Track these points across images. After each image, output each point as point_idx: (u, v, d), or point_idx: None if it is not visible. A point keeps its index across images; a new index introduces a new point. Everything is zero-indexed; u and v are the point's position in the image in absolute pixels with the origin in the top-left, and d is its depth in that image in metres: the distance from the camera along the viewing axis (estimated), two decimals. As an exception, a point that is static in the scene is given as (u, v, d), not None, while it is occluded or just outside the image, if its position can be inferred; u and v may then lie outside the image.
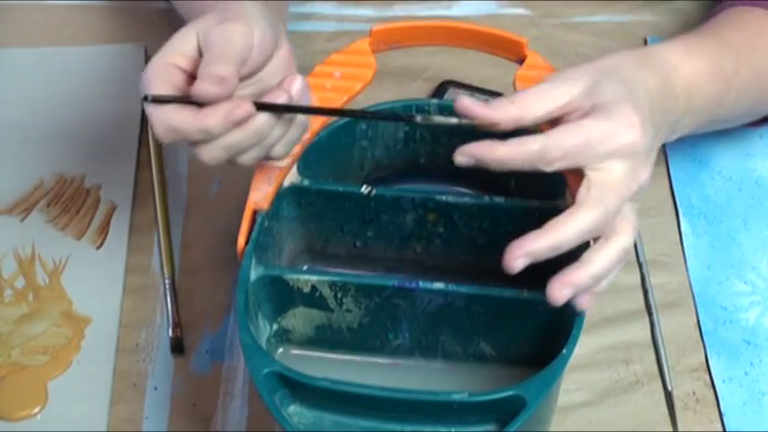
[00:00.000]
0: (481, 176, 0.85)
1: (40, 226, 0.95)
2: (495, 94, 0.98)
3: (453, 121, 0.72)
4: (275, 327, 0.79)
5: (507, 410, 0.69)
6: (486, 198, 0.80)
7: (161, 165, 0.97)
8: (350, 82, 0.80)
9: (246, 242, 0.75)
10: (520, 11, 1.08)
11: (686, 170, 0.97)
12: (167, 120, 0.69)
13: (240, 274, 0.74)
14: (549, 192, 0.79)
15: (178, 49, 0.71)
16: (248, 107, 0.69)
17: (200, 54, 0.70)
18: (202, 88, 0.68)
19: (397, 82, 1.01)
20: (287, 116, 0.72)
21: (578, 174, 0.70)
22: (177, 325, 0.89)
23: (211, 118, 0.68)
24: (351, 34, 1.04)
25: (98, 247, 0.94)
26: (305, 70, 0.83)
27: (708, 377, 0.86)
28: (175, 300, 0.90)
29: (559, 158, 0.69)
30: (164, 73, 0.70)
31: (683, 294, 0.91)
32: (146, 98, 0.69)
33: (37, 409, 0.85)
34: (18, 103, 1.03)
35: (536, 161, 0.69)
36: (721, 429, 0.84)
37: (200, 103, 0.68)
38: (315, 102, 0.79)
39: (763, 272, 0.92)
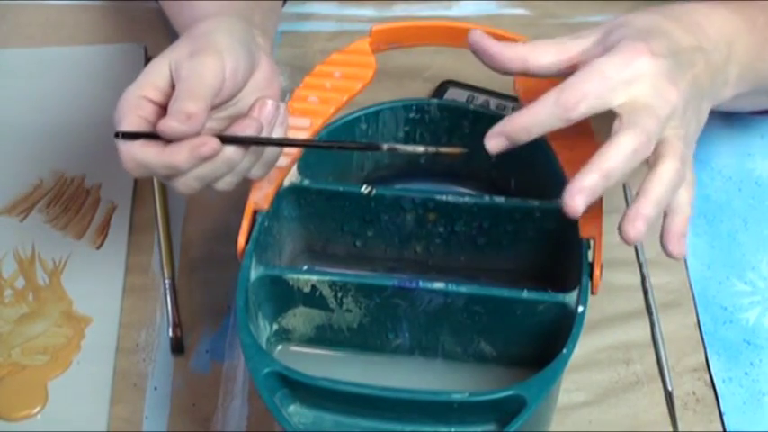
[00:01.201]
0: (481, 176, 0.85)
1: (39, 226, 0.95)
2: (495, 95, 0.98)
3: (420, 149, 0.73)
4: (275, 326, 0.79)
5: (507, 410, 0.69)
6: (487, 198, 0.80)
7: (161, 165, 0.97)
8: (350, 82, 0.81)
9: (246, 242, 0.75)
10: (520, 11, 1.08)
11: (686, 170, 0.97)
12: (135, 155, 0.69)
13: (240, 273, 0.74)
14: (549, 192, 0.79)
15: (150, 81, 0.71)
16: (214, 144, 0.69)
17: (173, 86, 0.70)
18: (168, 125, 0.68)
19: (397, 82, 1.01)
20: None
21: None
22: (177, 325, 0.89)
23: (178, 155, 0.68)
24: (351, 34, 1.04)
25: (98, 247, 0.94)
26: (305, 70, 0.83)
27: (708, 377, 0.86)
28: (175, 300, 0.90)
29: (580, 100, 0.68)
30: (135, 106, 0.70)
31: (683, 294, 0.90)
32: (116, 135, 0.69)
33: (37, 409, 0.85)
34: (18, 103, 1.03)
35: (560, 112, 0.68)
36: (721, 429, 0.84)
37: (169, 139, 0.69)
38: (315, 102, 0.79)
39: (763, 272, 0.92)
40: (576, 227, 0.75)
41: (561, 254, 0.79)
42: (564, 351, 0.70)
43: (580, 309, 0.72)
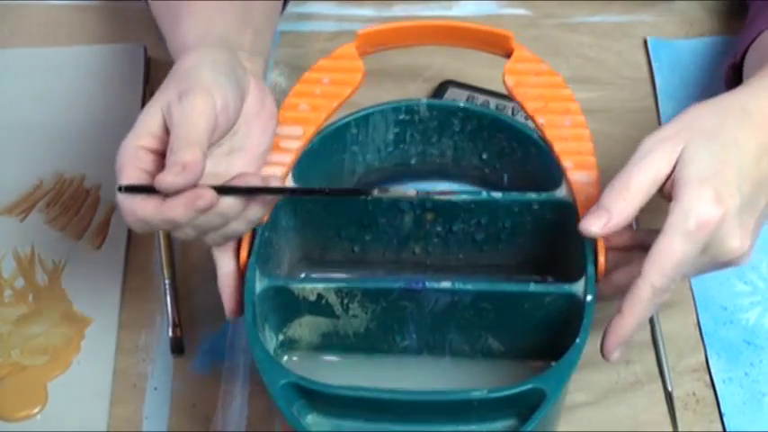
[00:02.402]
0: (472, 174, 0.85)
1: (39, 226, 0.95)
2: (495, 95, 0.98)
3: (411, 193, 0.74)
4: (281, 337, 0.78)
5: (527, 404, 0.69)
6: (484, 194, 0.80)
7: (161, 165, 0.97)
8: (339, 87, 0.80)
9: (248, 255, 0.75)
10: (520, 11, 1.08)
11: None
12: (135, 212, 0.69)
13: (245, 287, 0.74)
14: (543, 184, 0.78)
15: (145, 130, 0.71)
16: (209, 196, 0.69)
17: (167, 131, 0.71)
18: (165, 181, 0.68)
19: (397, 82, 1.01)
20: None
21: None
22: (177, 325, 0.89)
23: (174, 210, 0.69)
24: (351, 34, 1.03)
25: (98, 248, 0.94)
26: (305, 70, 0.83)
27: (708, 377, 0.86)
28: (175, 300, 0.90)
29: (672, 277, 0.71)
30: (134, 158, 0.70)
31: (683, 294, 0.90)
32: (119, 188, 0.70)
33: (37, 409, 0.85)
34: (18, 103, 1.02)
35: (658, 299, 0.72)
36: (721, 429, 0.84)
37: None
38: (306, 110, 0.79)
39: (763, 272, 0.92)
40: (575, 217, 0.75)
41: (560, 245, 0.79)
42: (578, 341, 0.71)
43: (589, 297, 0.73)
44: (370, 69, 0.99)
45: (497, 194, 0.79)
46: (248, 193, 0.72)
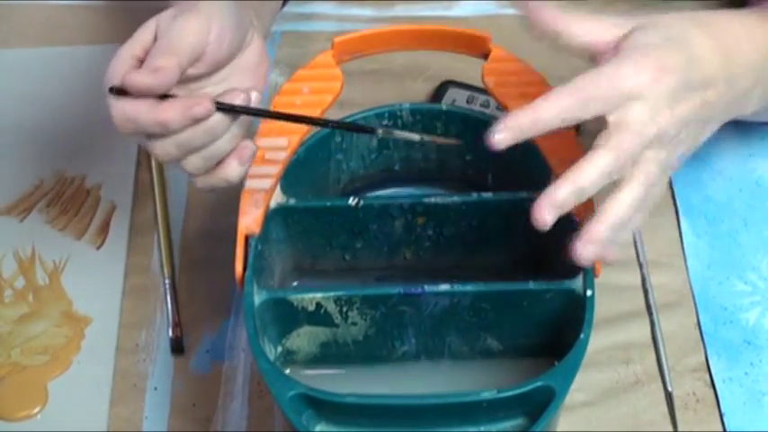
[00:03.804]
0: (456, 176, 0.85)
1: (39, 226, 0.95)
2: (494, 95, 0.98)
3: (415, 137, 0.73)
4: (280, 349, 0.78)
5: (535, 403, 0.69)
6: (474, 195, 0.80)
7: (161, 165, 0.97)
8: (320, 96, 0.80)
9: (244, 268, 0.75)
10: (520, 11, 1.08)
11: (687, 170, 0.97)
12: (126, 110, 0.68)
13: (245, 300, 0.73)
14: (529, 181, 0.78)
15: (138, 41, 0.71)
16: (207, 104, 0.68)
17: None
18: (134, 79, 0.67)
19: (397, 82, 1.01)
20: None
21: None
22: (177, 325, 0.89)
23: (169, 112, 0.68)
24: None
25: (98, 248, 0.94)
26: (305, 70, 0.83)
27: (708, 377, 0.86)
28: (175, 300, 0.90)
29: (588, 100, 0.67)
30: (126, 65, 0.70)
31: (683, 294, 0.90)
32: (111, 90, 0.69)
33: (37, 409, 0.85)
34: (18, 103, 1.03)
35: (575, 109, 0.67)
36: (721, 429, 0.84)
37: (162, 97, 0.68)
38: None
39: (763, 272, 0.92)
40: (567, 214, 0.75)
41: (552, 242, 0.79)
42: (582, 336, 0.71)
43: (589, 292, 0.73)
44: (371, 69, 0.99)
45: (488, 195, 0.79)
46: (244, 112, 0.71)
